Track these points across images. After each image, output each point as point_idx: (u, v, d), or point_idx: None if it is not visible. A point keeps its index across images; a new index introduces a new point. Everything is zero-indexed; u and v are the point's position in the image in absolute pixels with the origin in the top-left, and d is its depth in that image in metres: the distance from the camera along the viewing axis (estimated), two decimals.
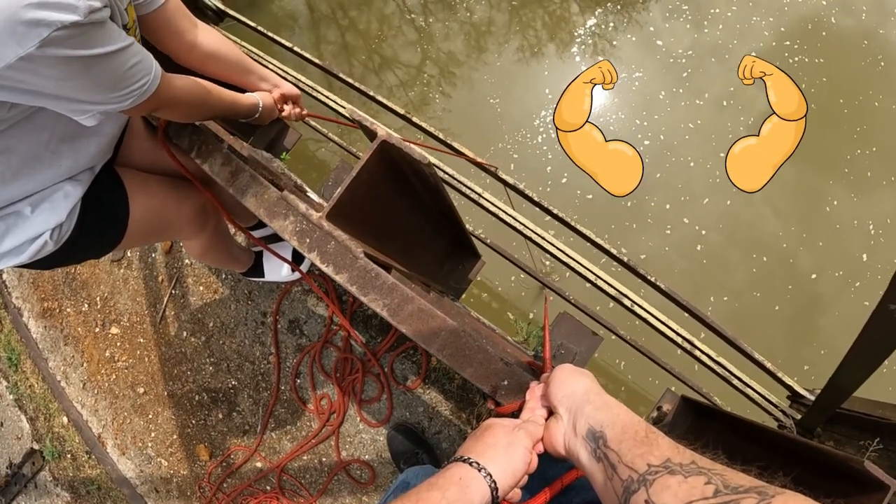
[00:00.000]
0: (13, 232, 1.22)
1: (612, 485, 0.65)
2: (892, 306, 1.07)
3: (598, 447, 0.70)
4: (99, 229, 1.40)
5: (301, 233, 1.24)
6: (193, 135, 1.45)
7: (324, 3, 4.27)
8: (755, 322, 3.13)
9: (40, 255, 1.28)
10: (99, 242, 1.44)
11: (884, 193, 3.28)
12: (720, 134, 3.48)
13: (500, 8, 4.06)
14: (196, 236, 1.77)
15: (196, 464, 2.47)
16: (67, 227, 1.30)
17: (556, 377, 0.85)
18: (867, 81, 3.52)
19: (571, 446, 0.75)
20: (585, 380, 0.82)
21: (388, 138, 1.16)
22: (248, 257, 2.25)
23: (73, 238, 1.32)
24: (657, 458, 0.61)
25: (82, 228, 1.33)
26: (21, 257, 1.25)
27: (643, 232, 3.33)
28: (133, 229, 1.47)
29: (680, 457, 0.61)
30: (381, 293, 1.18)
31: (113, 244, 1.47)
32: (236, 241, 2.16)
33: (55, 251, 1.30)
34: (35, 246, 1.24)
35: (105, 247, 1.47)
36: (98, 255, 1.50)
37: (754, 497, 0.49)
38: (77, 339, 2.65)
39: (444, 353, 1.15)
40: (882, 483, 0.76)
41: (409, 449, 2.15)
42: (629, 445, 0.65)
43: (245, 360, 2.42)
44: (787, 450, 1.06)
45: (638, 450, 0.64)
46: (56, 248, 1.30)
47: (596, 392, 0.79)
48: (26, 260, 1.26)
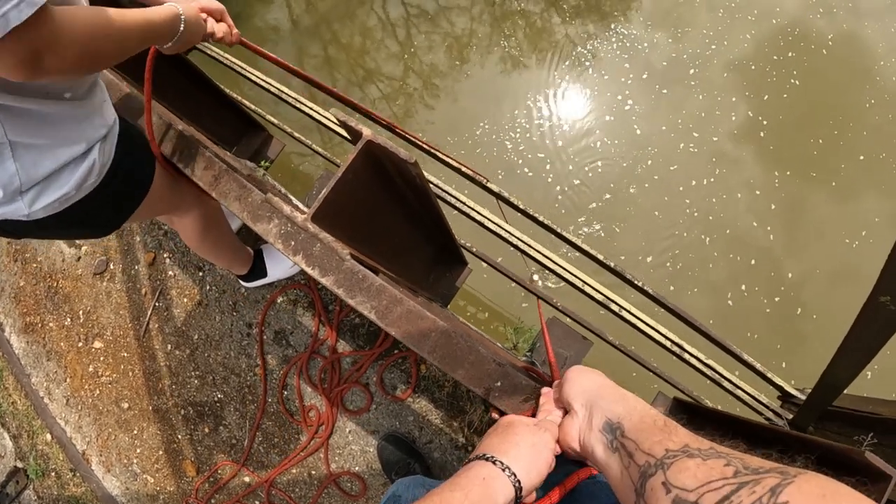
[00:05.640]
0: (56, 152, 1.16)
1: (628, 472, 0.64)
2: (882, 299, 1.07)
3: (616, 438, 0.69)
4: (132, 166, 1.38)
5: (286, 235, 1.22)
6: (175, 139, 1.43)
7: (307, 17, 4.29)
8: (742, 324, 3.15)
9: (86, 185, 1.23)
10: (129, 188, 1.41)
11: (867, 197, 3.33)
12: (698, 147, 3.52)
13: (481, 20, 4.09)
14: (196, 206, 1.73)
15: (183, 480, 2.42)
16: (107, 157, 1.27)
17: (569, 377, 0.85)
18: (848, 89, 3.58)
19: (587, 441, 0.75)
20: (598, 376, 0.83)
21: (373, 138, 1.15)
22: (248, 255, 2.21)
23: (112, 171, 1.29)
24: (675, 443, 0.61)
25: (118, 167, 1.31)
26: (68, 185, 1.19)
27: (625, 235, 3.36)
28: (156, 182, 1.45)
29: (698, 443, 0.60)
30: (369, 295, 1.16)
31: (141, 195, 1.45)
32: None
33: (91, 193, 1.27)
34: (83, 168, 1.20)
35: (136, 195, 1.44)
36: (125, 209, 1.46)
37: (776, 477, 0.48)
38: (60, 355, 2.60)
39: (435, 356, 1.13)
40: (884, 473, 0.76)
41: (401, 459, 2.12)
42: (647, 434, 0.65)
43: (231, 372, 2.38)
44: (783, 446, 1.05)
45: (656, 437, 0.63)
46: (98, 180, 1.26)
47: (611, 386, 0.79)
48: (72, 188, 1.20)
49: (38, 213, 1.18)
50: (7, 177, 1.09)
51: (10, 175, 1.09)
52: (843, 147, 3.42)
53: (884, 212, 3.27)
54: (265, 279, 2.27)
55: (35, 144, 1.11)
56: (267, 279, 2.27)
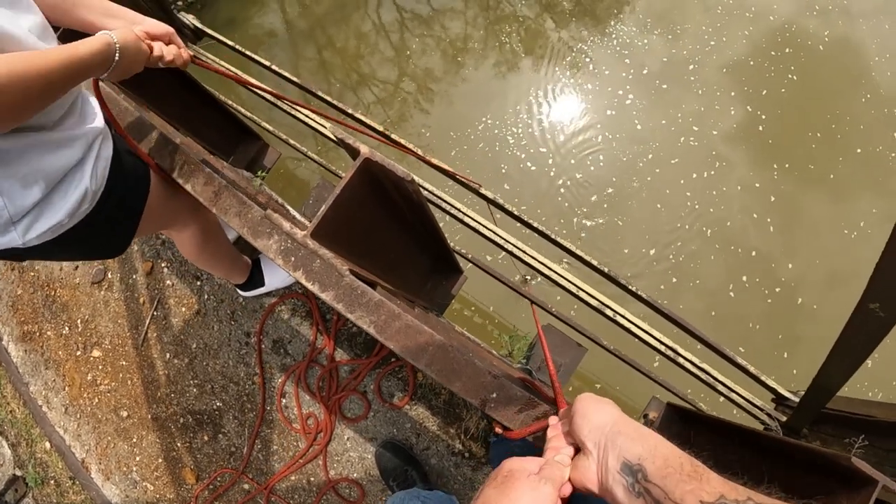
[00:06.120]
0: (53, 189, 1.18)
1: None
2: (871, 305, 1.10)
3: (637, 481, 0.65)
4: (125, 192, 1.39)
5: (286, 251, 1.24)
6: (174, 154, 1.44)
7: (301, 21, 4.30)
8: (743, 314, 3.22)
9: (79, 212, 1.24)
10: (123, 212, 1.42)
11: (863, 197, 3.38)
12: (698, 141, 3.56)
13: (475, 24, 4.11)
14: (193, 220, 1.74)
15: (182, 487, 2.44)
16: (99, 183, 1.28)
17: (580, 410, 0.79)
18: (842, 89, 3.63)
19: (605, 482, 0.70)
20: (611, 409, 0.77)
21: (371, 156, 1.17)
22: (245, 264, 2.23)
23: (105, 196, 1.30)
24: (710, 494, 0.57)
25: (111, 192, 1.32)
26: (61, 213, 1.20)
27: (628, 228, 3.41)
28: (151, 201, 1.47)
29: (735, 493, 0.57)
30: (368, 310, 1.18)
31: (136, 218, 1.46)
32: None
33: (85, 219, 1.27)
34: (76, 195, 1.21)
35: (131, 218, 1.45)
36: (122, 231, 1.46)
37: None
38: (58, 363, 2.61)
39: (432, 369, 1.15)
40: (870, 478, 0.77)
41: (398, 466, 2.14)
42: (675, 481, 0.61)
43: (229, 381, 2.40)
44: (775, 451, 1.07)
45: (687, 486, 0.59)
46: (91, 206, 1.27)
47: (625, 422, 0.74)
48: (65, 216, 1.20)
49: (33, 241, 1.19)
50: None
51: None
52: (840, 141, 3.49)
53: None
54: (263, 288, 2.29)
55: (16, 177, 1.10)
56: (264, 288, 2.29)
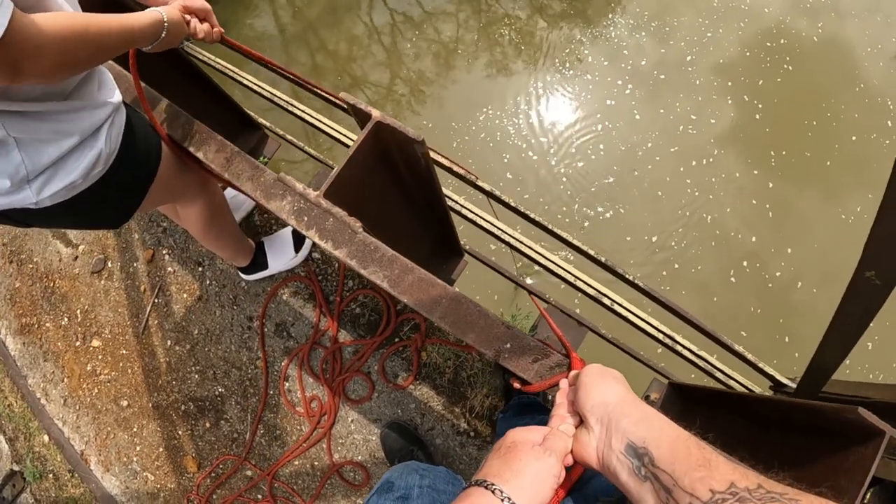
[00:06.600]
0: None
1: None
2: (867, 273, 1.12)
3: (644, 465, 0.64)
4: (137, 158, 1.41)
5: (299, 212, 1.26)
6: (185, 126, 1.46)
7: (294, 24, 4.34)
8: (745, 300, 3.29)
9: (93, 173, 1.27)
10: (135, 177, 1.44)
11: (852, 196, 3.45)
12: (700, 123, 3.63)
13: (467, 26, 4.17)
14: (201, 195, 1.76)
15: (184, 476, 2.43)
16: (113, 146, 1.31)
17: (585, 384, 0.78)
18: (832, 89, 3.72)
19: (608, 462, 0.70)
20: (617, 386, 0.76)
21: (382, 118, 1.21)
22: (250, 246, 2.25)
23: (118, 160, 1.33)
24: (720, 482, 0.57)
25: (124, 156, 1.34)
26: (75, 173, 1.22)
27: (630, 216, 3.46)
28: (161, 172, 1.49)
29: (745, 480, 0.56)
30: (381, 265, 1.20)
31: (146, 184, 1.47)
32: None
33: (97, 182, 1.30)
34: (90, 156, 1.24)
35: (141, 184, 1.47)
36: (132, 197, 1.48)
37: None
38: (57, 355, 2.60)
39: (446, 321, 1.17)
40: (877, 429, 0.77)
41: (403, 446, 2.15)
42: (684, 468, 0.60)
43: (232, 366, 2.40)
44: (779, 419, 1.09)
45: (696, 473, 0.59)
46: (105, 169, 1.29)
47: (632, 402, 0.73)
48: (79, 176, 1.23)
49: (46, 202, 1.22)
50: (13, 167, 1.12)
51: (17, 165, 1.12)
52: (836, 128, 3.58)
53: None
54: (266, 271, 2.30)
55: (36, 136, 1.14)
56: (268, 271, 2.30)
